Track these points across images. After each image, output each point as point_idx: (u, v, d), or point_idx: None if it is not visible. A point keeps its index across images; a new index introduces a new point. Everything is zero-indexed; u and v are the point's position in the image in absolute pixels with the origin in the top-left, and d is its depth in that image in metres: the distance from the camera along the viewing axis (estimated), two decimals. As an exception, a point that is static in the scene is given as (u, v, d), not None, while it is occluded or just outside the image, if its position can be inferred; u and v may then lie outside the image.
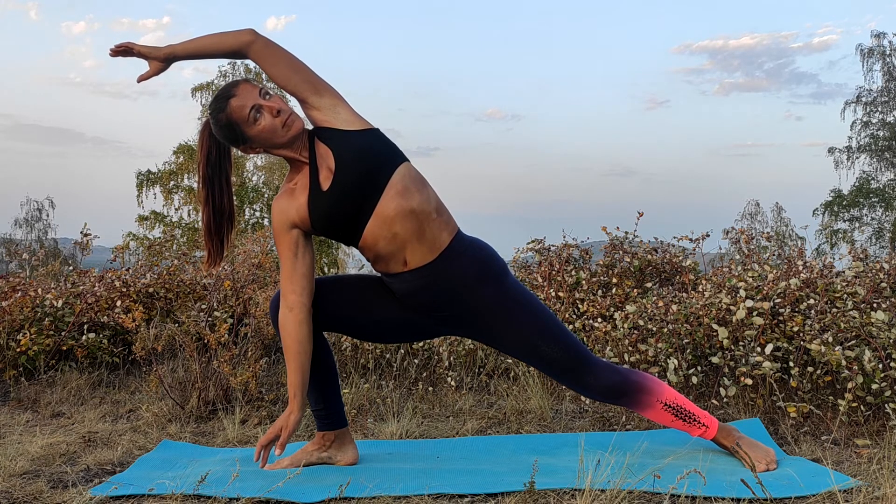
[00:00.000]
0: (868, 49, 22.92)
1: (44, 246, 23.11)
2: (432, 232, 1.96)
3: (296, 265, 2.01)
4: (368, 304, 2.10)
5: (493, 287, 2.00)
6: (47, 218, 26.28)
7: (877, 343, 2.43)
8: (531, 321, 2.00)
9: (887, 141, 22.80)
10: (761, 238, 4.35)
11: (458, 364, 3.32)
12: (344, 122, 1.97)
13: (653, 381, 2.07)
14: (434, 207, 1.98)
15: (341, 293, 2.12)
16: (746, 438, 2.09)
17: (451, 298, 1.99)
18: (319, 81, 1.99)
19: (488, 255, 2.04)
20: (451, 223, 2.02)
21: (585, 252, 4.33)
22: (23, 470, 2.10)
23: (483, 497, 1.84)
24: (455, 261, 1.97)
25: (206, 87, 24.06)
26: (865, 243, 21.91)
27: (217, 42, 1.99)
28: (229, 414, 2.72)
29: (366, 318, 2.11)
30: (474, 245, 2.04)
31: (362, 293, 2.11)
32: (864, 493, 1.74)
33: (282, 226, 2.01)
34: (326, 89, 1.98)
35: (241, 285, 3.67)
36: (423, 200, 1.95)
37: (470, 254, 2.00)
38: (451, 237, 1.99)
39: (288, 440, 2.03)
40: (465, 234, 2.06)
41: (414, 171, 2.00)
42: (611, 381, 2.03)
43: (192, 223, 21.88)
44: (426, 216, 1.95)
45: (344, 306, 2.11)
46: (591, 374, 2.03)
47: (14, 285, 3.79)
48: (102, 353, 3.50)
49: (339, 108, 1.98)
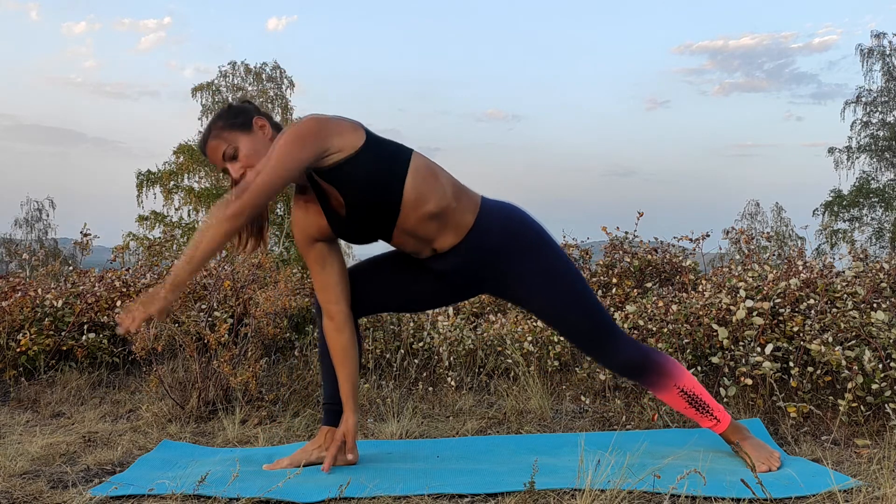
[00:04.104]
0: (868, 49, 22.93)
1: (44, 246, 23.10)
2: (455, 219, 1.95)
3: (326, 276, 2.05)
4: (403, 284, 2.12)
5: (522, 259, 1.98)
6: (47, 218, 26.29)
7: (877, 343, 2.43)
8: (561, 293, 1.98)
9: (887, 141, 22.81)
10: (761, 238, 4.35)
11: (458, 364, 3.32)
12: (336, 154, 1.87)
13: (674, 366, 2.06)
14: (451, 197, 1.94)
15: (375, 281, 2.14)
16: (754, 439, 2.08)
17: (482, 271, 2.00)
18: (302, 153, 1.81)
19: (517, 224, 2.00)
20: (471, 201, 1.99)
21: (585, 252, 4.33)
22: (23, 470, 2.10)
23: (483, 497, 1.84)
24: (482, 237, 1.96)
25: (206, 87, 24.06)
26: (865, 243, 21.91)
27: (205, 251, 1.81)
28: (229, 414, 2.72)
29: (403, 298, 2.15)
30: (503, 215, 2.00)
31: (395, 275, 2.13)
32: (864, 493, 1.74)
33: (304, 242, 2.05)
34: (311, 149, 1.82)
35: (241, 285, 3.67)
36: (438, 199, 1.92)
37: (497, 227, 1.97)
38: (475, 215, 1.97)
39: (354, 442, 2.10)
40: (492, 203, 2.02)
41: (421, 167, 1.92)
42: (632, 357, 2.03)
43: (192, 223, 21.88)
44: (446, 210, 1.94)
45: (380, 294, 2.14)
46: (614, 348, 2.03)
47: (14, 285, 3.79)
48: (102, 353, 3.50)
49: (330, 145, 1.85)
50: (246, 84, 24.31)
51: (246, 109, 2.01)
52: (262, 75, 24.38)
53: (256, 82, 24.34)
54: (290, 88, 24.63)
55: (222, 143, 1.96)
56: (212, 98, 23.98)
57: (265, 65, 24.44)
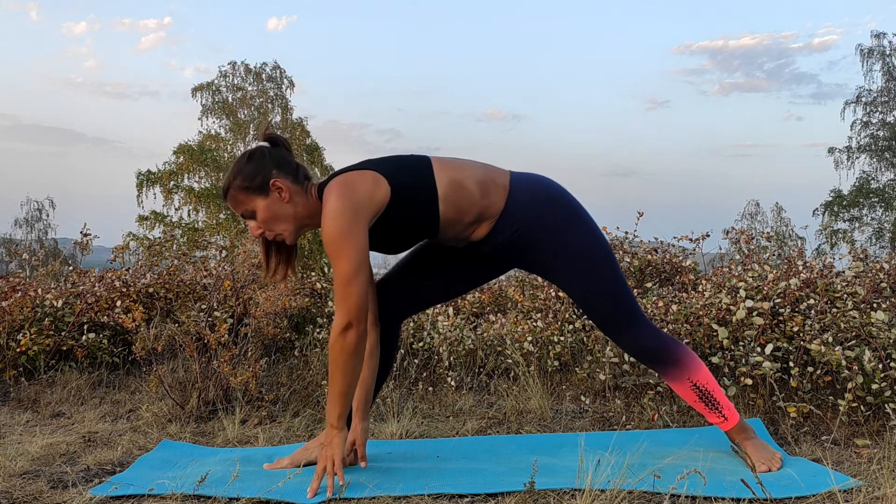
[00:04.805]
0: (868, 49, 22.93)
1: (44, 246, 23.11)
2: (484, 213, 1.97)
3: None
4: (436, 279, 2.15)
5: (551, 238, 1.98)
6: (47, 218, 26.30)
7: (877, 343, 2.43)
8: (585, 273, 1.99)
9: (887, 141, 22.81)
10: (761, 238, 4.35)
11: (458, 364, 3.32)
12: (377, 213, 1.93)
13: (689, 359, 2.05)
14: (479, 195, 1.96)
15: (411, 280, 2.15)
16: (758, 440, 2.08)
17: (513, 250, 2.01)
18: (360, 233, 1.86)
19: (546, 203, 1.99)
20: (500, 186, 1.98)
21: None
22: (23, 470, 2.10)
23: (483, 497, 1.84)
24: (511, 221, 1.97)
25: (206, 87, 24.06)
26: (865, 243, 21.91)
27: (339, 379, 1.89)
28: (229, 414, 2.72)
29: (439, 292, 2.17)
30: (532, 195, 1.99)
31: (429, 274, 2.15)
32: (864, 493, 1.74)
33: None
34: (363, 221, 1.87)
35: (241, 285, 3.67)
36: (471, 207, 1.95)
37: (526, 208, 1.97)
38: (505, 200, 1.97)
39: (364, 449, 2.12)
40: (522, 183, 2.01)
41: (446, 187, 1.93)
42: (649, 345, 2.03)
43: (192, 223, 21.89)
44: (476, 212, 1.97)
45: (420, 290, 2.16)
46: (633, 334, 2.03)
47: (14, 285, 3.79)
48: (102, 353, 3.50)
49: (374, 209, 1.91)
50: (246, 84, 24.30)
51: (264, 169, 1.94)
52: (262, 75, 24.37)
53: (256, 82, 24.33)
54: (290, 88, 24.62)
55: (240, 204, 1.96)
56: (212, 98, 23.97)
57: (265, 65, 24.44)
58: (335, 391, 1.90)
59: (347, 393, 1.90)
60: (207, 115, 23.75)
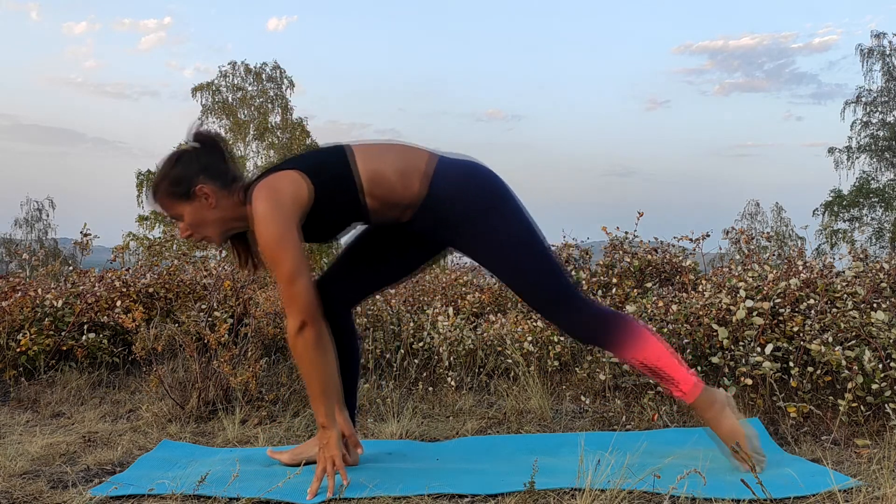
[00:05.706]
0: (868, 49, 22.96)
1: (44, 246, 23.12)
2: (405, 201, 1.96)
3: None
4: (375, 265, 2.15)
5: (475, 222, 1.97)
6: (47, 218, 26.33)
7: (877, 343, 2.43)
8: (510, 260, 1.97)
9: (887, 141, 22.82)
10: (761, 238, 4.35)
11: (458, 364, 3.32)
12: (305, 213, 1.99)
13: (634, 337, 1.98)
14: (400, 185, 1.95)
15: (350, 275, 2.16)
16: (731, 416, 1.97)
17: (440, 233, 2.01)
18: (291, 230, 1.88)
19: (472, 188, 1.97)
20: (419, 174, 1.95)
21: (585, 252, 4.33)
22: (23, 470, 2.10)
23: (483, 497, 1.84)
24: (436, 205, 1.96)
25: (206, 87, 24.08)
26: (865, 243, 21.92)
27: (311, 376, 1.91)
28: (229, 414, 2.72)
29: (381, 277, 2.17)
30: (458, 180, 1.98)
31: (368, 261, 2.16)
32: (864, 493, 1.74)
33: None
34: (293, 220, 1.89)
35: (241, 285, 3.67)
36: (389, 197, 1.95)
37: (450, 193, 1.96)
38: (427, 188, 1.95)
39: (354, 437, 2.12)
40: (447, 168, 1.99)
41: (368, 180, 1.94)
42: (588, 326, 2.00)
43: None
44: (396, 201, 1.96)
45: (359, 284, 2.16)
46: (568, 317, 2.01)
47: (14, 285, 3.79)
48: (102, 353, 3.50)
49: (301, 208, 1.92)
50: (246, 84, 24.32)
51: (187, 177, 1.93)
52: (262, 75, 24.40)
53: (256, 82, 24.36)
54: (290, 88, 24.66)
55: (167, 208, 1.99)
56: (212, 98, 24.00)
57: (265, 65, 24.47)
58: (314, 391, 1.91)
59: (325, 390, 1.91)
60: (207, 114, 23.77)
